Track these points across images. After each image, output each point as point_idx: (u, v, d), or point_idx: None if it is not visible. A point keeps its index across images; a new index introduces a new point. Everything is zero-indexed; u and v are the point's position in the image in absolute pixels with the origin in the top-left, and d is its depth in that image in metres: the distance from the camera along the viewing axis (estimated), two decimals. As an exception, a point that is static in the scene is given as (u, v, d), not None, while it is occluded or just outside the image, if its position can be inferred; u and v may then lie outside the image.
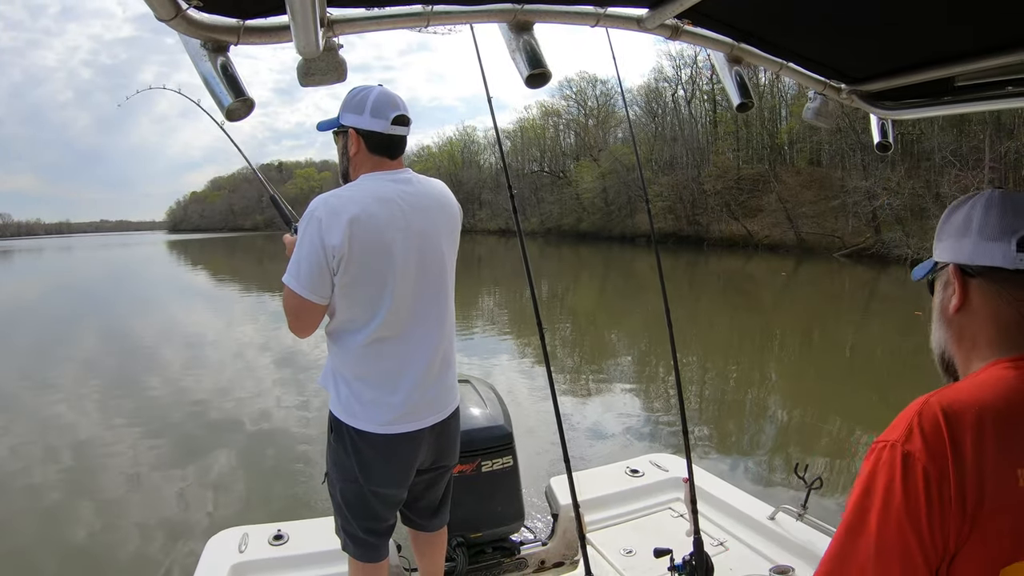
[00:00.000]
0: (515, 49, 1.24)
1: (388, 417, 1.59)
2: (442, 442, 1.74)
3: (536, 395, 6.56)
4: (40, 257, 55.55)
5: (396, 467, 1.66)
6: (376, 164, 1.62)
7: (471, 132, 66.55)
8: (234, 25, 1.03)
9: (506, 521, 2.31)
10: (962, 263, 0.83)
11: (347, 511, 1.70)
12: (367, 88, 1.62)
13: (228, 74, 1.04)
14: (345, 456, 1.64)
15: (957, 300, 0.84)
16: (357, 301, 1.55)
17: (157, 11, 0.91)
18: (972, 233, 0.82)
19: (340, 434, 1.64)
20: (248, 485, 4.76)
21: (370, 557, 1.74)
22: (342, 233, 1.47)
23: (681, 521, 2.45)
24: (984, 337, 0.82)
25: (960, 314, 0.84)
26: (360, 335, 1.57)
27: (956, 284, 0.84)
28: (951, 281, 0.85)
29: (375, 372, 1.59)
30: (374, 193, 1.56)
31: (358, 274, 1.52)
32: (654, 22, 1.26)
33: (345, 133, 1.63)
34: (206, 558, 2.19)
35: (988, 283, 0.81)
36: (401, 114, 1.62)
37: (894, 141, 1.83)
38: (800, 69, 1.58)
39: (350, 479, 1.66)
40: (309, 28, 0.92)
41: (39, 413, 6.84)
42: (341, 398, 1.62)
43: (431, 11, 1.16)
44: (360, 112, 1.59)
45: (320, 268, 1.50)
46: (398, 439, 1.61)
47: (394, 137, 1.62)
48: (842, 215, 26.39)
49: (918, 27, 1.28)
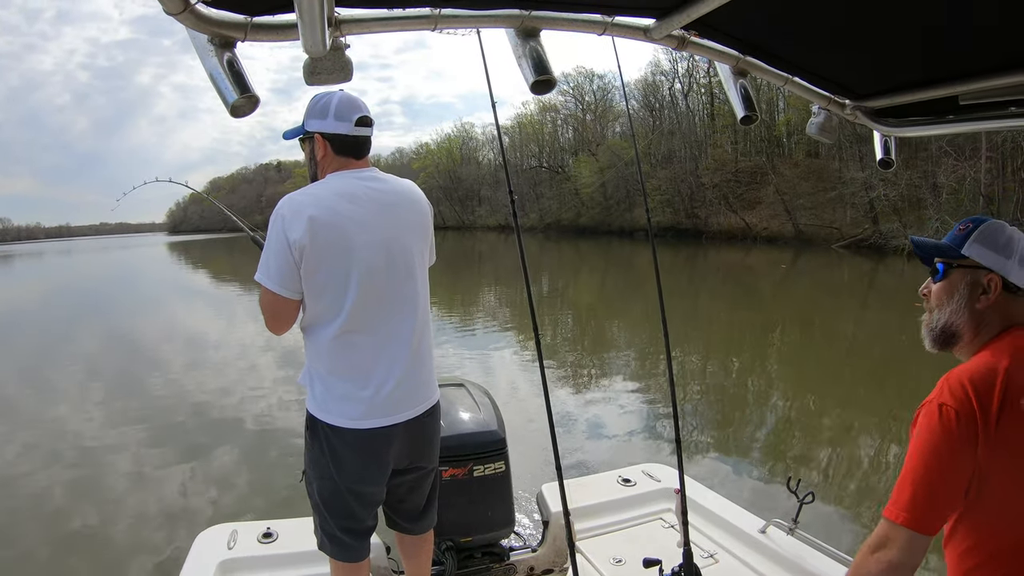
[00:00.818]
0: (521, 55, 1.25)
1: (359, 411, 1.60)
2: (418, 441, 1.74)
3: (530, 399, 6.55)
4: (41, 261, 55.32)
5: (369, 463, 1.66)
6: (342, 164, 1.66)
7: (469, 129, 66.43)
8: (242, 21, 1.03)
9: (496, 526, 2.31)
10: (1006, 277, 1.15)
11: (324, 509, 1.70)
12: (329, 94, 1.65)
13: (234, 70, 1.04)
14: (320, 454, 1.65)
15: (990, 300, 1.15)
16: (323, 295, 1.58)
17: (166, 5, 0.91)
18: (1014, 259, 1.15)
19: (315, 432, 1.65)
20: (240, 482, 4.74)
21: (349, 557, 1.73)
22: (303, 227, 1.51)
23: (672, 532, 2.44)
24: (991, 323, 1.16)
25: (986, 309, 1.16)
26: (329, 329, 1.59)
27: (997, 289, 1.15)
28: (985, 284, 1.16)
29: (345, 366, 1.61)
30: (339, 190, 1.60)
31: (320, 267, 1.55)
32: (661, 32, 1.26)
33: (311, 139, 1.67)
34: (194, 554, 2.18)
35: (1011, 297, 1.16)
36: (364, 115, 1.66)
37: (896, 156, 1.84)
38: (805, 84, 1.58)
39: (325, 476, 1.66)
40: (316, 27, 0.92)
41: (40, 409, 6.83)
42: (316, 395, 1.64)
43: (439, 14, 1.16)
44: (324, 117, 1.63)
45: (287, 262, 1.54)
46: (370, 434, 1.62)
47: (359, 138, 1.66)
48: (840, 206, 26.41)
49: (923, 45, 1.29)
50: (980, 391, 1.05)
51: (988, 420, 1.03)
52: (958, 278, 1.19)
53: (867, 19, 1.19)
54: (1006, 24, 1.15)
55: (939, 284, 1.22)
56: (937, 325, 1.21)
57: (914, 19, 1.16)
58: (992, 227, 1.19)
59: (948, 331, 1.20)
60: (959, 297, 1.18)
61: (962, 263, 1.19)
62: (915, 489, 1.06)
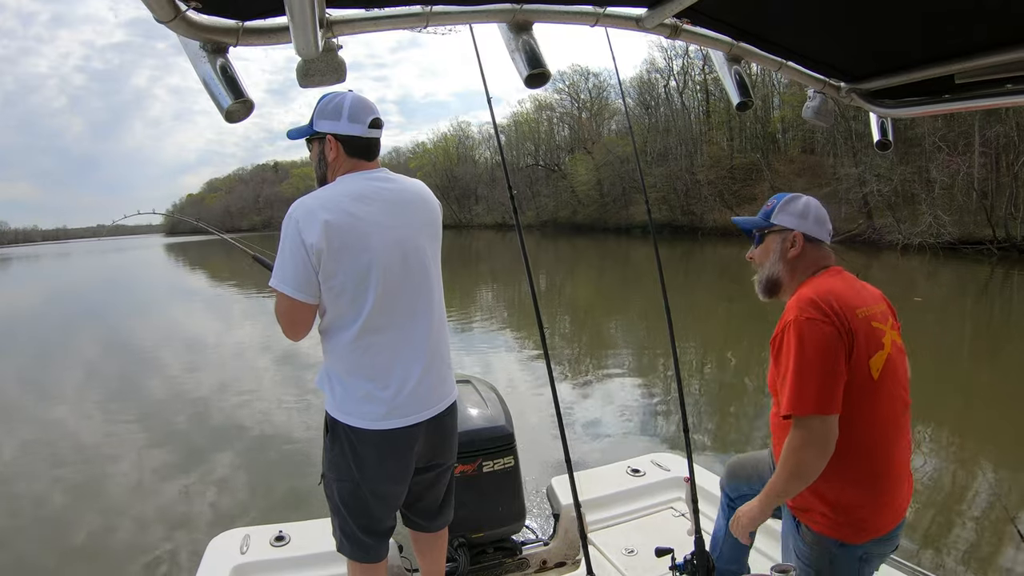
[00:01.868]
0: (514, 49, 1.24)
1: (381, 412, 1.60)
2: (438, 438, 1.74)
3: (536, 393, 6.56)
4: (38, 264, 55.44)
5: (393, 463, 1.66)
6: (354, 166, 1.65)
7: (466, 128, 66.59)
8: (233, 26, 1.03)
9: (507, 521, 2.31)
10: (806, 233, 1.54)
11: (344, 511, 1.70)
12: (340, 94, 1.64)
13: (227, 75, 1.04)
14: (341, 455, 1.65)
15: (797, 251, 1.54)
16: (341, 297, 1.57)
17: (157, 13, 0.91)
18: (809, 219, 1.54)
19: (336, 433, 1.65)
20: (250, 486, 4.75)
21: (368, 557, 1.74)
22: (318, 232, 1.50)
23: (682, 520, 2.45)
24: (803, 267, 1.54)
25: (795, 258, 1.54)
26: (349, 331, 1.59)
27: (800, 243, 1.53)
28: (792, 239, 1.54)
29: (366, 367, 1.60)
30: (352, 192, 1.59)
31: (338, 269, 1.54)
32: (653, 21, 1.26)
33: (321, 140, 1.65)
34: (208, 560, 2.19)
35: (813, 246, 1.54)
36: (376, 117, 1.66)
37: (893, 137, 1.83)
38: (799, 68, 1.58)
39: (346, 478, 1.66)
40: (308, 29, 0.92)
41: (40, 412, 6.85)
42: (336, 397, 1.63)
43: (430, 11, 1.16)
44: (337, 118, 1.62)
45: (304, 266, 1.53)
46: (393, 434, 1.62)
47: (371, 140, 1.66)
48: (834, 202, 26.35)
49: (918, 25, 1.28)
50: (829, 305, 1.38)
51: (843, 326, 1.37)
52: (772, 240, 1.57)
53: (860, 0, 1.19)
54: (1000, 1, 1.14)
55: (759, 248, 1.60)
56: (764, 277, 1.58)
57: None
58: (790, 199, 1.57)
59: (772, 280, 1.57)
60: (775, 253, 1.56)
61: (772, 229, 1.57)
62: (819, 381, 1.34)
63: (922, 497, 4.13)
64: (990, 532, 3.72)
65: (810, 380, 1.34)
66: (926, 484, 4.38)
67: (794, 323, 1.38)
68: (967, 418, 5.96)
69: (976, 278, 15.97)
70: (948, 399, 6.45)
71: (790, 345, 1.38)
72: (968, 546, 3.56)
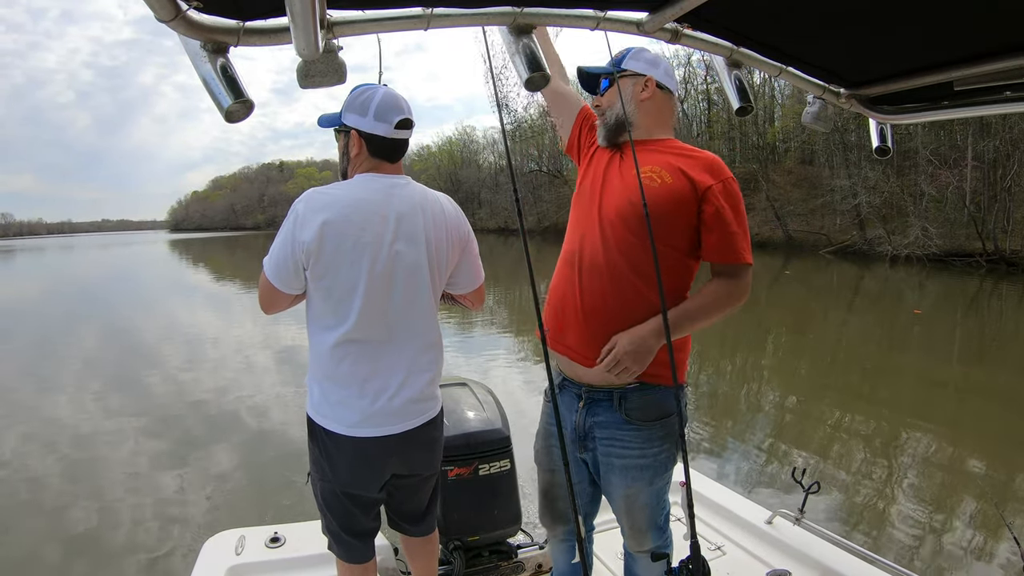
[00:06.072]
0: (515, 52, 1.24)
1: (354, 419, 1.58)
2: (415, 451, 1.70)
3: (534, 396, 6.55)
4: (42, 256, 55.31)
5: (363, 470, 1.65)
6: (374, 167, 1.61)
7: (470, 132, 66.61)
8: (234, 26, 1.03)
9: (503, 524, 2.31)
10: (657, 80, 1.61)
11: (326, 510, 1.71)
12: (372, 88, 1.59)
13: (228, 76, 1.03)
14: (319, 456, 1.65)
15: (648, 94, 1.61)
16: (327, 298, 1.55)
17: (157, 12, 0.91)
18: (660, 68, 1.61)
19: (314, 434, 1.65)
20: (247, 486, 4.74)
21: (353, 558, 1.74)
22: (313, 230, 1.48)
23: (678, 525, 2.44)
24: (662, 116, 1.63)
25: (647, 100, 1.61)
26: (331, 336, 1.56)
27: (652, 87, 1.60)
28: (644, 83, 1.60)
29: (344, 375, 1.57)
30: (360, 195, 1.55)
31: (325, 272, 1.52)
32: (654, 26, 1.26)
33: (347, 132, 1.61)
34: (203, 560, 2.19)
35: (665, 95, 1.64)
36: (405, 118, 1.60)
37: (893, 144, 1.83)
38: (799, 73, 1.58)
39: (325, 479, 1.67)
40: (309, 30, 0.92)
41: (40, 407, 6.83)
42: (314, 398, 1.63)
43: (431, 13, 1.16)
44: (364, 114, 1.57)
45: (286, 260, 1.52)
46: (365, 442, 1.59)
47: (396, 141, 1.60)
48: (828, 213, 26.57)
49: (917, 31, 1.29)
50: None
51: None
52: (623, 84, 1.61)
53: (860, 6, 1.19)
54: (1000, 8, 1.15)
55: (607, 92, 1.64)
56: (612, 119, 1.62)
57: (907, 5, 1.16)
58: (641, 49, 1.63)
59: (620, 121, 1.60)
60: (627, 95, 1.60)
61: (623, 74, 1.62)
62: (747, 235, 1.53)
63: (915, 501, 4.13)
64: (984, 532, 3.72)
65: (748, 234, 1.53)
66: (918, 489, 4.39)
67: (733, 180, 1.52)
68: (960, 422, 5.99)
69: (965, 290, 16.04)
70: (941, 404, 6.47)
71: (739, 198, 1.52)
72: (960, 550, 3.56)
